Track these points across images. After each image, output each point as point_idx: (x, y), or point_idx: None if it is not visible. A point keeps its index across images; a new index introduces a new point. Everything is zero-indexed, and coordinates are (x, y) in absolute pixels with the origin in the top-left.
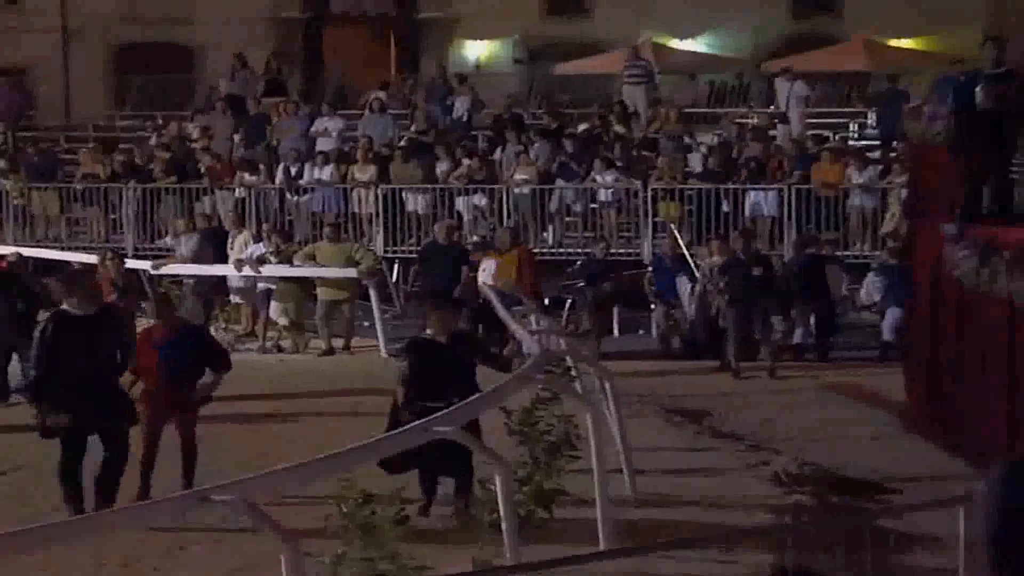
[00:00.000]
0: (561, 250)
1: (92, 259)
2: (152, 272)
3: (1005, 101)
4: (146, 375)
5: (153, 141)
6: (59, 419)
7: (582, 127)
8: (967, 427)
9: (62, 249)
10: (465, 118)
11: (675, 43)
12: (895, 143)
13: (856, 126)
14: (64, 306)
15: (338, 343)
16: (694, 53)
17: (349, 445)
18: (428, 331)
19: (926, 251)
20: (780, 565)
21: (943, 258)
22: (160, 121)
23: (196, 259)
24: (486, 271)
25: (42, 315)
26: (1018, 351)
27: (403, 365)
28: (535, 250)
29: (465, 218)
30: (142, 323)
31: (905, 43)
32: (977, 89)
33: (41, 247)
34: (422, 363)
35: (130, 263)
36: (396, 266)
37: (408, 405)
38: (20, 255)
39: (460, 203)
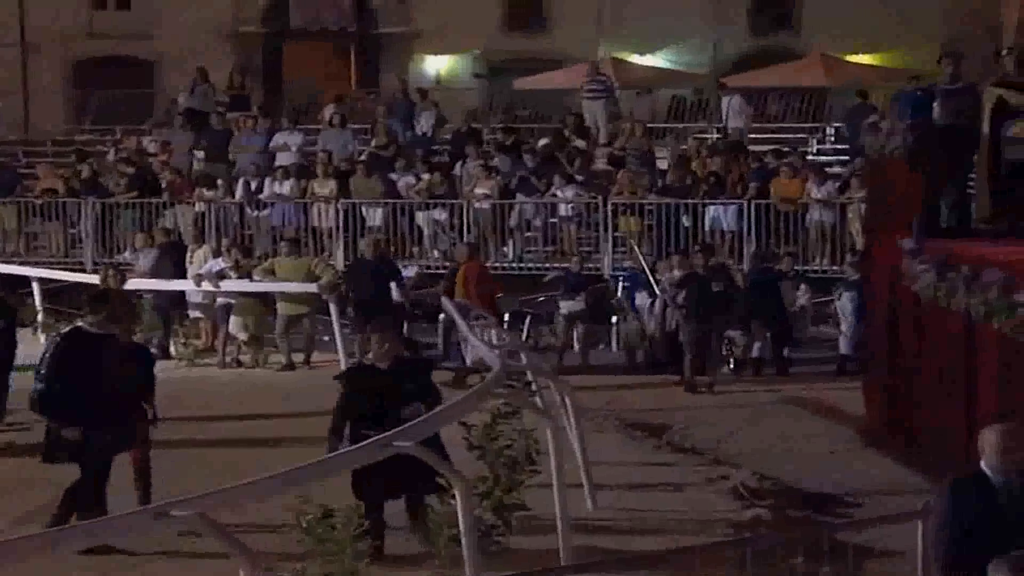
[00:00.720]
0: (521, 265)
1: (63, 275)
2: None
3: (962, 116)
4: None
5: (111, 156)
6: (72, 432)
7: (542, 142)
8: (925, 441)
9: (20, 263)
10: (430, 133)
11: (635, 58)
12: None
13: (815, 141)
14: (80, 323)
15: (298, 358)
16: (653, 68)
17: (309, 461)
18: (369, 356)
19: (884, 265)
20: None
21: (901, 272)
22: (119, 135)
23: (155, 274)
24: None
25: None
26: (975, 366)
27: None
28: (495, 264)
29: (425, 233)
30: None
31: (863, 58)
32: (935, 104)
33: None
34: (358, 390)
35: (89, 278)
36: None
37: (334, 432)
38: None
39: (420, 218)
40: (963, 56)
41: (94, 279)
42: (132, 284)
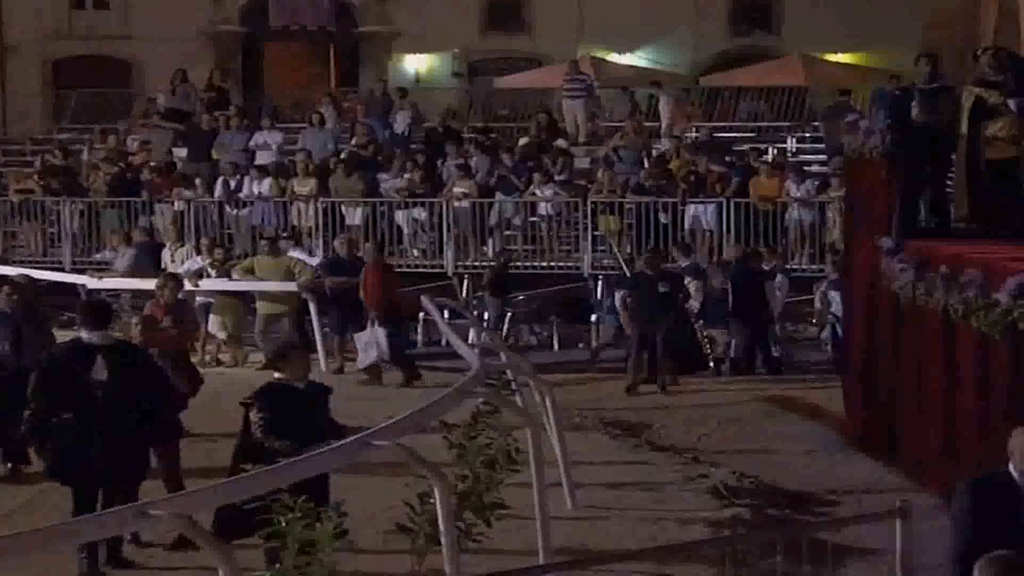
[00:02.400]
0: (510, 264)
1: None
2: (92, 286)
3: (941, 116)
4: None
5: (85, 156)
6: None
7: (522, 141)
8: (904, 440)
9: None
10: (406, 132)
11: (614, 57)
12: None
13: (794, 140)
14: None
15: None
16: (633, 68)
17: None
18: (279, 375)
19: (863, 265)
20: None
21: (880, 272)
22: (98, 133)
23: (133, 273)
24: None
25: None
26: (954, 365)
27: (256, 415)
28: (473, 263)
29: (405, 232)
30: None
31: (842, 58)
32: (913, 104)
33: None
34: (274, 411)
35: (69, 277)
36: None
37: (240, 452)
38: (29, 276)
39: (400, 217)
40: (940, 56)
41: (74, 279)
42: (109, 283)
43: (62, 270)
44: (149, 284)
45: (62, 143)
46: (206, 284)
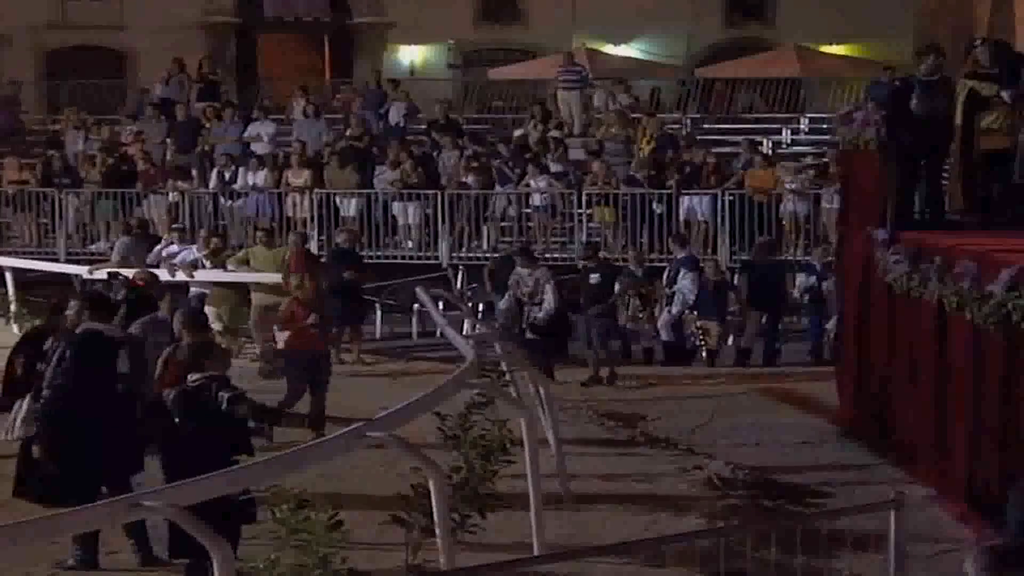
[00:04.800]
0: (496, 255)
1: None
2: (86, 277)
3: (938, 108)
4: None
5: (80, 146)
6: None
7: (517, 132)
8: (897, 431)
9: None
10: (401, 124)
11: (609, 48)
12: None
13: (789, 132)
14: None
15: None
16: (628, 59)
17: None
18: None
19: (857, 256)
20: (714, 569)
21: (874, 263)
22: (90, 124)
23: (127, 263)
24: None
25: None
26: (947, 356)
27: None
28: (469, 255)
29: (400, 223)
30: None
31: (836, 50)
32: (912, 95)
33: None
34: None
35: (65, 268)
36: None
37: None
38: (152, 274)
39: (396, 208)
40: (941, 48)
41: (70, 269)
42: (103, 274)
43: (57, 261)
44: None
45: (55, 134)
46: (201, 275)
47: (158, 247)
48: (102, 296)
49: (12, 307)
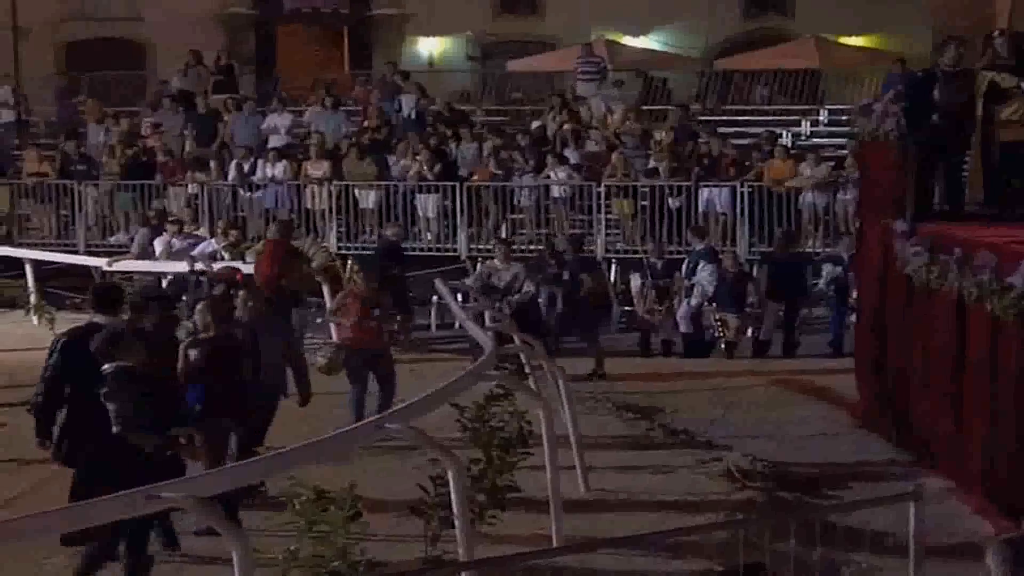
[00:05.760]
0: (514, 247)
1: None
2: (106, 268)
3: (959, 99)
4: None
5: (101, 138)
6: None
7: (535, 124)
8: (916, 423)
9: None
10: (413, 116)
11: (628, 40)
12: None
13: (808, 123)
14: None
15: None
16: (647, 51)
17: (305, 440)
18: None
19: (875, 248)
20: (732, 561)
21: (893, 255)
22: (109, 115)
23: (146, 255)
24: None
25: None
26: (966, 348)
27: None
28: (486, 247)
29: (420, 215)
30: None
31: (856, 41)
32: (933, 87)
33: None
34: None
35: (84, 259)
36: (350, 262)
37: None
38: (234, 268)
39: (419, 200)
40: (963, 40)
41: (89, 261)
42: (125, 265)
43: (76, 253)
44: (163, 267)
45: (74, 126)
46: (220, 267)
47: (160, 239)
48: (108, 289)
49: (32, 299)
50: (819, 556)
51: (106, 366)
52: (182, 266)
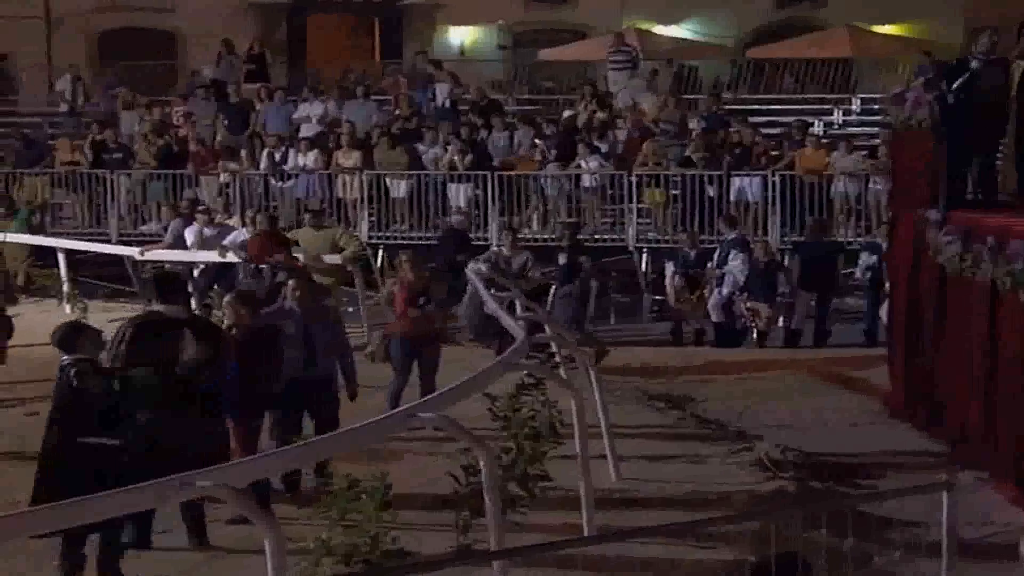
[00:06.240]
0: (545, 236)
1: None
2: (138, 258)
3: (994, 88)
4: None
5: (136, 127)
6: None
7: (566, 113)
8: (948, 412)
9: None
10: (448, 104)
11: (659, 29)
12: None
13: (840, 112)
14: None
15: None
16: (678, 39)
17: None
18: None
19: (908, 237)
20: (764, 551)
21: (925, 244)
22: (141, 104)
23: (178, 244)
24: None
25: None
26: (999, 336)
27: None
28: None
29: (452, 205)
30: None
31: (888, 29)
32: (967, 75)
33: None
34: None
35: (116, 249)
36: (381, 252)
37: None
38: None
39: (451, 190)
40: (997, 28)
41: (122, 250)
42: (157, 255)
43: (108, 242)
44: (195, 256)
45: (108, 115)
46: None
47: (192, 228)
48: (169, 277)
49: (65, 288)
50: (851, 546)
51: (64, 358)
52: (213, 255)
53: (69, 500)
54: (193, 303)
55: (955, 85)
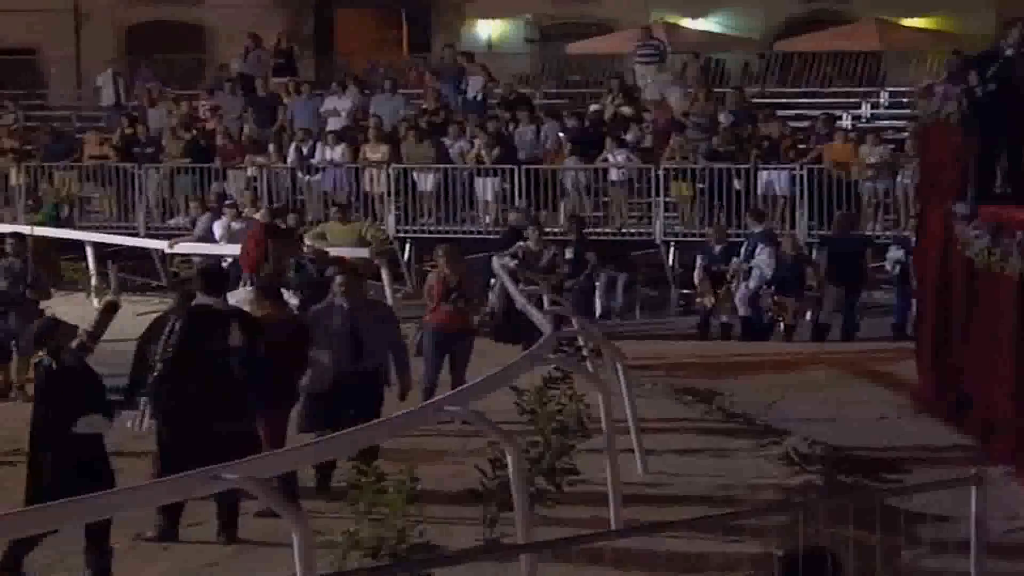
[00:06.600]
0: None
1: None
2: (167, 251)
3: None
4: None
5: (164, 120)
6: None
7: (593, 107)
8: (976, 406)
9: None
10: (480, 97)
11: (687, 22)
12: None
13: (869, 106)
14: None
15: None
16: (706, 33)
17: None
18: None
19: (936, 231)
20: (791, 544)
21: (954, 238)
22: (170, 98)
23: (207, 238)
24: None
25: None
26: None
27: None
28: (546, 229)
29: (480, 199)
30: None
31: (917, 23)
32: (997, 66)
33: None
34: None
35: (144, 242)
36: (408, 246)
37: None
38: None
39: (478, 184)
40: None
41: (150, 243)
42: (185, 248)
43: (136, 235)
44: (222, 250)
45: (134, 110)
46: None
47: (220, 222)
48: (215, 270)
49: (93, 281)
50: (879, 540)
51: (42, 355)
52: (239, 249)
53: (96, 494)
54: None
55: (986, 75)
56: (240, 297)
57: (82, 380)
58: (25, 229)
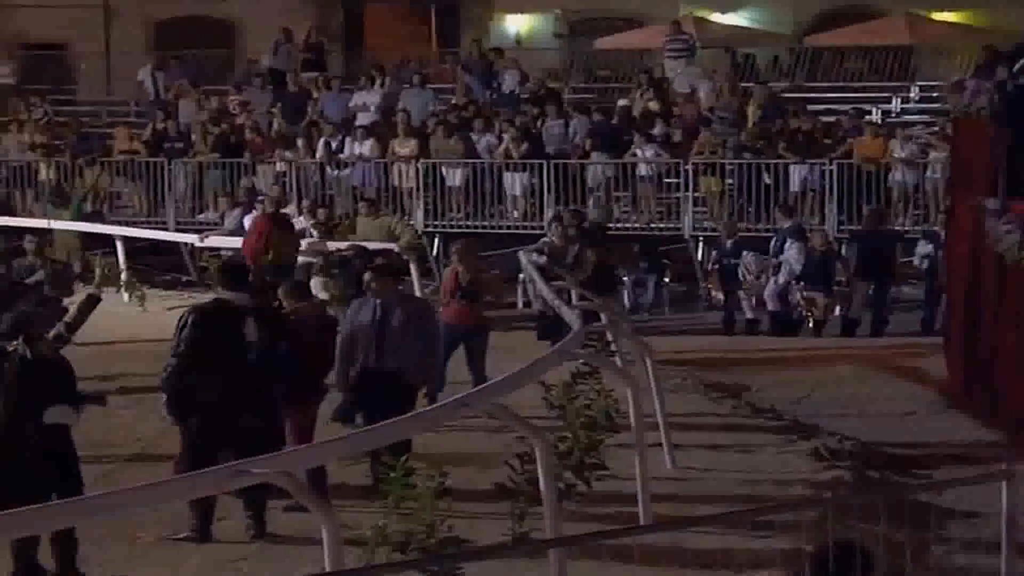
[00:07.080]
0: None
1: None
2: (198, 245)
3: None
4: None
5: (194, 115)
6: None
7: (622, 102)
8: (1006, 402)
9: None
10: (516, 91)
11: (716, 17)
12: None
13: (899, 100)
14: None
15: None
16: (735, 27)
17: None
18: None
19: (965, 225)
20: (820, 540)
21: (984, 233)
22: (199, 93)
23: (237, 233)
24: None
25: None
26: None
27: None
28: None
29: (507, 193)
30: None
31: (947, 17)
32: None
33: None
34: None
35: (174, 236)
36: (436, 240)
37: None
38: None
39: (507, 179)
40: None
41: (179, 238)
42: (215, 242)
43: (166, 229)
44: None
45: (164, 105)
46: (307, 245)
47: (250, 217)
48: (236, 265)
49: (123, 275)
50: (908, 536)
51: (17, 344)
52: None
53: (136, 487)
54: None
55: (1016, 69)
56: None
57: (55, 371)
58: (43, 224)
